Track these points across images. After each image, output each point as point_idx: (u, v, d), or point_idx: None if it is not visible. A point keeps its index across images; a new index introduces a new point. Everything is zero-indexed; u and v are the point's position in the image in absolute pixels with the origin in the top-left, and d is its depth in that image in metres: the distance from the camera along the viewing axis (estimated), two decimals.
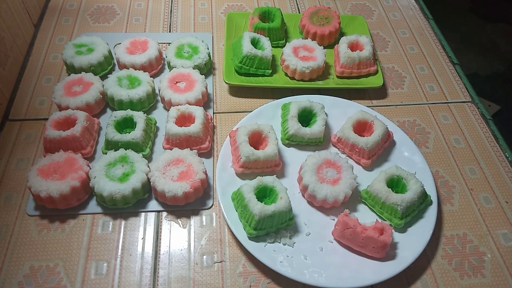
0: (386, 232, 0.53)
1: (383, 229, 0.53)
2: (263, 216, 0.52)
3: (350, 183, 0.57)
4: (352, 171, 0.58)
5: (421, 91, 0.78)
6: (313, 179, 0.56)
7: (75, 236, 0.56)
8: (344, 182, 0.57)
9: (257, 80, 0.75)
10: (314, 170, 0.58)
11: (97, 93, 0.67)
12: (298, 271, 0.52)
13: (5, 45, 0.71)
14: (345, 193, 0.56)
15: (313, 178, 0.56)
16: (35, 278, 0.52)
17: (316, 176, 0.57)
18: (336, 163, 0.59)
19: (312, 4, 0.93)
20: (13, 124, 0.67)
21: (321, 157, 0.59)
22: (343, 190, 0.56)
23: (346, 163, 0.59)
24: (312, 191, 0.56)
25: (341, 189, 0.56)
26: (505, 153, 0.69)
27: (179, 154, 0.60)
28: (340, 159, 0.59)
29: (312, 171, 0.57)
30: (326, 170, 0.58)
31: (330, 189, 0.56)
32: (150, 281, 0.53)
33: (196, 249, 0.56)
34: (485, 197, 0.64)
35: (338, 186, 0.57)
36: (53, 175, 0.56)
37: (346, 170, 0.58)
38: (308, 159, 0.59)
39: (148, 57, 0.73)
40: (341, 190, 0.56)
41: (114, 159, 0.59)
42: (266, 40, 0.76)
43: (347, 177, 0.57)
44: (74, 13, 0.87)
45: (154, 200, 0.60)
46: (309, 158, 0.59)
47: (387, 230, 0.53)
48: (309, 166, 0.58)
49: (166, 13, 0.89)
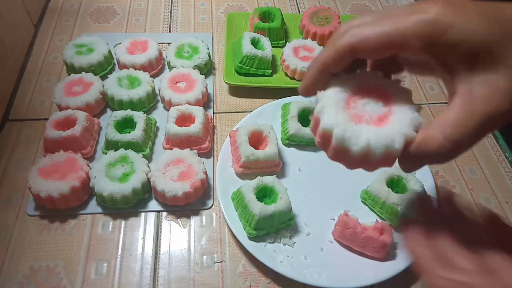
0: (386, 232, 0.53)
1: (383, 229, 0.53)
2: (263, 216, 0.52)
3: (411, 119, 0.29)
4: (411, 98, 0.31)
5: (421, 91, 0.78)
6: (340, 118, 0.29)
7: (75, 236, 0.56)
8: (398, 118, 0.30)
9: (257, 80, 0.75)
10: (340, 104, 0.30)
11: (97, 93, 0.67)
12: (298, 271, 0.52)
13: (5, 45, 0.71)
14: (404, 135, 0.28)
15: (340, 116, 0.29)
16: (35, 278, 0.52)
17: (346, 113, 0.30)
18: (381, 88, 0.31)
19: (312, 4, 0.93)
20: (13, 124, 0.67)
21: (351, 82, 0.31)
22: (400, 130, 0.29)
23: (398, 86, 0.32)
24: (341, 139, 0.29)
25: (395, 130, 0.29)
26: (505, 153, 0.69)
27: (179, 154, 0.60)
28: (386, 82, 0.32)
29: (337, 105, 0.30)
30: (362, 102, 0.31)
31: (375, 132, 0.29)
32: (150, 281, 0.53)
33: (196, 249, 0.56)
34: (485, 197, 0.64)
35: (389, 126, 0.29)
36: (53, 175, 0.56)
37: (398, 98, 0.31)
38: (331, 86, 0.31)
39: (148, 57, 0.73)
40: (396, 132, 0.29)
41: (114, 159, 0.59)
42: (266, 40, 0.76)
43: (402, 110, 0.30)
44: (74, 13, 0.87)
45: (154, 200, 0.60)
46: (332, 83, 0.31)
47: (387, 230, 0.53)
48: (331, 97, 0.30)
49: (166, 13, 0.89)
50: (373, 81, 0.31)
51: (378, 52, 0.28)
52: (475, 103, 0.25)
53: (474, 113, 0.25)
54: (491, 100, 0.25)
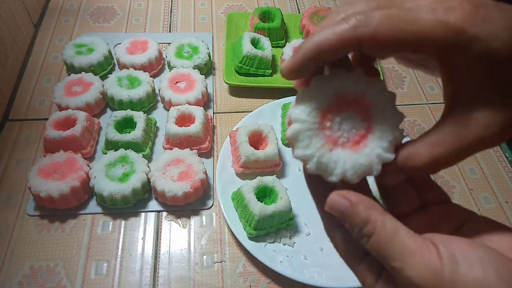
0: None
1: None
2: (263, 216, 0.52)
3: (390, 141, 0.25)
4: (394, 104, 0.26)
5: (421, 91, 0.78)
6: (313, 147, 0.25)
7: (75, 236, 0.56)
8: (377, 138, 0.25)
9: (257, 80, 0.75)
10: (314, 126, 0.25)
11: (97, 93, 0.67)
12: (298, 271, 0.52)
13: (5, 45, 0.71)
14: (382, 161, 0.25)
15: (313, 144, 0.25)
16: (35, 278, 0.52)
17: (320, 137, 0.25)
18: (360, 97, 0.26)
19: (312, 4, 0.93)
20: (13, 124, 0.67)
21: (327, 89, 0.25)
22: (378, 156, 0.25)
23: (381, 91, 0.26)
24: (315, 170, 0.25)
25: (373, 156, 0.25)
26: (505, 153, 0.69)
27: (179, 154, 0.60)
28: (368, 85, 0.26)
29: (310, 130, 0.25)
30: (339, 118, 0.25)
31: (351, 160, 0.25)
32: (150, 281, 0.53)
33: (196, 249, 0.56)
34: (485, 197, 0.64)
35: (367, 150, 0.25)
36: (53, 175, 0.56)
37: (380, 107, 0.25)
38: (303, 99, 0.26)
39: (148, 57, 0.73)
40: (373, 158, 0.25)
41: (114, 159, 0.59)
42: (266, 40, 0.76)
43: (383, 126, 0.25)
44: (74, 13, 0.87)
45: (154, 200, 0.60)
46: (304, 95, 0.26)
47: None
48: (305, 121, 0.25)
49: (166, 13, 0.89)
50: (353, 86, 0.26)
51: (387, 51, 0.23)
52: (471, 127, 0.23)
53: (468, 137, 0.23)
54: (488, 127, 0.22)
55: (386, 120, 0.25)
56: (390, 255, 0.22)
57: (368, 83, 0.25)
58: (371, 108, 0.25)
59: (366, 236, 0.22)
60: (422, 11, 0.22)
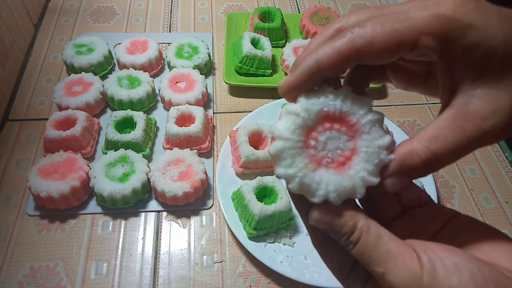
0: None
1: None
2: (263, 216, 0.52)
3: (375, 164, 0.24)
4: (382, 125, 0.25)
5: None
6: (296, 167, 0.24)
7: (75, 236, 0.56)
8: (363, 159, 0.24)
9: (257, 80, 0.75)
10: (298, 145, 0.24)
11: (97, 93, 0.67)
12: (298, 271, 0.52)
13: (5, 45, 0.71)
14: (366, 184, 0.24)
15: (296, 164, 0.24)
16: (35, 278, 0.52)
17: (304, 156, 0.24)
18: (347, 116, 0.25)
19: (312, 4, 0.93)
20: (13, 124, 0.67)
21: (314, 106, 0.25)
22: (362, 179, 0.24)
23: (368, 111, 0.25)
24: (297, 191, 0.24)
25: (357, 179, 0.24)
26: (505, 153, 0.69)
27: (179, 154, 0.60)
28: (355, 104, 0.25)
29: (294, 149, 0.24)
30: (324, 137, 0.25)
31: (334, 182, 0.24)
32: (150, 281, 0.53)
33: (196, 249, 0.56)
34: (485, 197, 0.64)
35: (351, 172, 0.24)
36: (53, 175, 0.56)
37: (367, 127, 0.25)
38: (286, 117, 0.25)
39: (148, 57, 0.73)
40: (357, 181, 0.24)
41: (114, 159, 0.59)
42: (266, 40, 0.76)
43: (369, 148, 0.24)
44: (74, 13, 0.87)
45: (154, 200, 0.60)
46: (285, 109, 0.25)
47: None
48: (288, 139, 0.24)
49: (166, 13, 0.89)
50: (340, 104, 0.25)
51: (386, 55, 0.23)
52: (469, 118, 0.22)
53: (467, 130, 0.22)
54: (487, 117, 0.22)
55: (373, 141, 0.25)
56: (374, 260, 0.22)
57: (355, 102, 0.25)
58: (358, 128, 0.25)
59: (352, 243, 0.23)
60: (413, 10, 0.22)
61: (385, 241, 0.22)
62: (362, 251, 0.23)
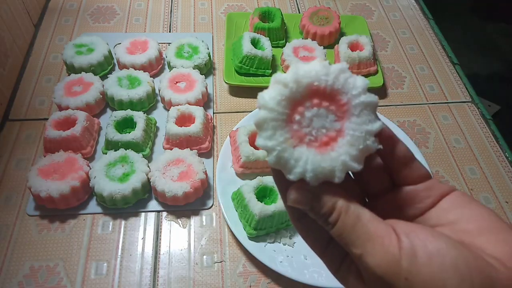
0: None
1: None
2: (263, 216, 0.52)
3: (360, 149, 0.23)
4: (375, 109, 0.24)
5: (421, 91, 0.78)
6: (277, 140, 0.23)
7: (75, 236, 0.56)
8: (347, 142, 0.23)
9: (257, 80, 0.75)
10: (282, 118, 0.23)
11: (97, 93, 0.67)
12: (298, 271, 0.52)
13: (5, 45, 0.71)
14: (346, 169, 0.23)
15: (277, 137, 0.23)
16: (35, 278, 0.52)
17: (286, 130, 0.23)
18: (340, 95, 0.23)
19: (312, 4, 0.93)
20: (13, 124, 0.67)
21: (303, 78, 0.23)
22: (343, 163, 0.23)
23: (362, 95, 0.23)
24: (275, 164, 0.23)
25: (337, 162, 0.23)
26: (505, 153, 0.69)
27: (179, 154, 0.60)
28: (350, 86, 0.23)
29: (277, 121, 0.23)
30: (310, 113, 0.23)
31: (313, 161, 0.23)
32: (150, 281, 0.53)
33: (196, 249, 0.56)
34: (485, 197, 0.64)
35: (333, 154, 0.23)
36: (53, 175, 0.56)
37: (358, 109, 0.23)
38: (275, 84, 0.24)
39: (148, 57, 0.73)
40: (337, 164, 0.23)
41: (114, 159, 0.59)
42: (266, 40, 0.76)
43: (356, 131, 0.23)
44: (74, 13, 0.87)
45: (154, 200, 0.60)
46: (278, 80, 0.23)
47: None
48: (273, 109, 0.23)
49: (166, 13, 0.89)
50: (333, 80, 0.23)
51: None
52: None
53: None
54: None
55: (361, 125, 0.23)
56: (352, 241, 0.22)
57: (349, 81, 0.23)
58: (347, 109, 0.23)
59: (331, 224, 0.23)
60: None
61: (364, 222, 0.22)
62: (340, 232, 0.22)
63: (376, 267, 0.21)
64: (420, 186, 0.25)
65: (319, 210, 0.23)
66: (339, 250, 0.24)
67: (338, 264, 0.25)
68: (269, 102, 0.23)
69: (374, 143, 0.23)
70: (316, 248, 0.26)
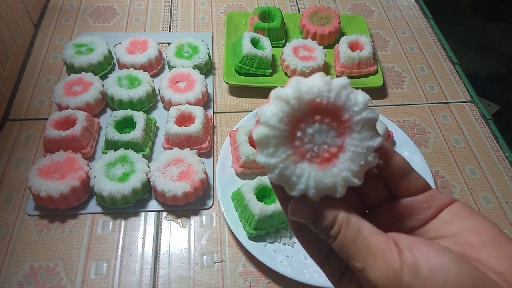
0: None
1: None
2: (263, 216, 0.52)
3: (361, 165, 0.23)
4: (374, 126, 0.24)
5: (421, 91, 0.78)
6: (278, 157, 0.23)
7: (75, 236, 0.56)
8: (348, 159, 0.23)
9: (257, 80, 0.75)
10: (283, 134, 0.23)
11: (97, 93, 0.67)
12: (298, 271, 0.52)
13: (5, 45, 0.71)
14: (347, 184, 0.23)
15: (279, 154, 0.23)
16: (35, 278, 0.52)
17: (288, 147, 0.23)
18: (341, 111, 0.23)
19: (312, 4, 0.93)
20: (13, 124, 0.67)
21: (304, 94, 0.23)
22: (344, 179, 0.23)
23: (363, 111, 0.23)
24: (277, 181, 0.24)
25: (339, 178, 0.23)
26: (505, 153, 0.69)
27: (179, 154, 0.60)
28: (352, 102, 0.23)
29: (278, 138, 0.23)
30: (312, 129, 0.23)
31: (315, 178, 0.23)
32: (150, 281, 0.53)
33: (196, 249, 0.56)
34: (485, 197, 0.64)
35: (335, 170, 0.23)
36: (53, 175, 0.56)
37: (359, 125, 0.23)
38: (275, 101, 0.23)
39: (148, 57, 0.73)
40: (339, 180, 0.23)
41: (114, 159, 0.59)
42: (266, 40, 0.76)
43: (357, 148, 0.23)
44: (74, 13, 0.87)
45: (154, 200, 0.60)
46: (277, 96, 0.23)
47: None
48: (274, 127, 0.23)
49: (166, 13, 0.89)
50: (334, 97, 0.23)
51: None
52: None
53: None
54: None
55: (362, 141, 0.23)
56: (353, 255, 0.22)
57: (351, 97, 0.23)
58: (349, 125, 0.23)
59: (332, 237, 0.23)
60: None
61: (365, 235, 0.22)
62: (341, 246, 0.22)
63: (377, 281, 0.21)
64: (420, 197, 0.25)
65: (320, 224, 0.23)
66: (340, 261, 0.24)
67: (339, 276, 0.25)
68: (270, 119, 0.23)
69: (374, 159, 0.23)
70: (317, 259, 0.26)
